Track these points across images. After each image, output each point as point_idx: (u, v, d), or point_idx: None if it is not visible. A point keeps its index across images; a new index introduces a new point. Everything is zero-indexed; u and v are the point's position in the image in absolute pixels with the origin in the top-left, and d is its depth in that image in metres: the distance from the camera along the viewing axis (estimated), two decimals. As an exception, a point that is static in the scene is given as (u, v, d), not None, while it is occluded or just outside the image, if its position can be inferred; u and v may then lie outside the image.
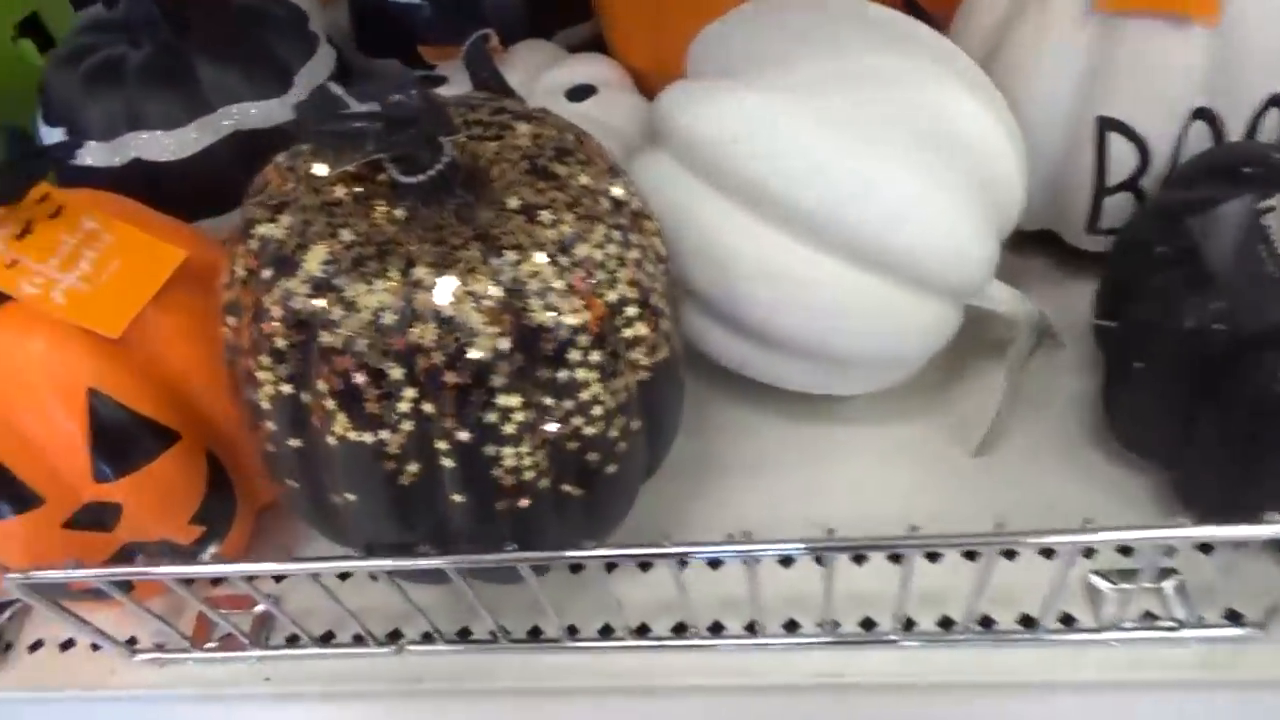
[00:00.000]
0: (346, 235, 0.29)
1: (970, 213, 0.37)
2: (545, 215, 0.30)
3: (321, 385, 0.29)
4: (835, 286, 0.37)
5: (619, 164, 0.34)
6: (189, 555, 0.39)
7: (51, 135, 0.49)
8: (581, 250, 0.30)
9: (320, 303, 0.28)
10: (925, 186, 0.35)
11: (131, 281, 0.35)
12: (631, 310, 0.31)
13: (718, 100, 0.37)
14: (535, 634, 0.40)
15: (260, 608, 0.41)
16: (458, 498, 0.31)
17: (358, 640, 0.40)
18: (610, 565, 0.41)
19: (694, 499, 0.43)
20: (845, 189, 0.35)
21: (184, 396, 0.36)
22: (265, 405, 0.30)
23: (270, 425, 0.31)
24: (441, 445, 0.29)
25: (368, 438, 0.29)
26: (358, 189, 0.31)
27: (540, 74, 0.51)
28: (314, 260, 0.29)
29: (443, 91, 0.50)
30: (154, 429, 0.35)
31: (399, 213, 0.30)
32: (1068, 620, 0.36)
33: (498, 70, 0.47)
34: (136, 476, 0.35)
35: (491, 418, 0.29)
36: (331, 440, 0.30)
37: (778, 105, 0.36)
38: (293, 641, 0.41)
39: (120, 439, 0.34)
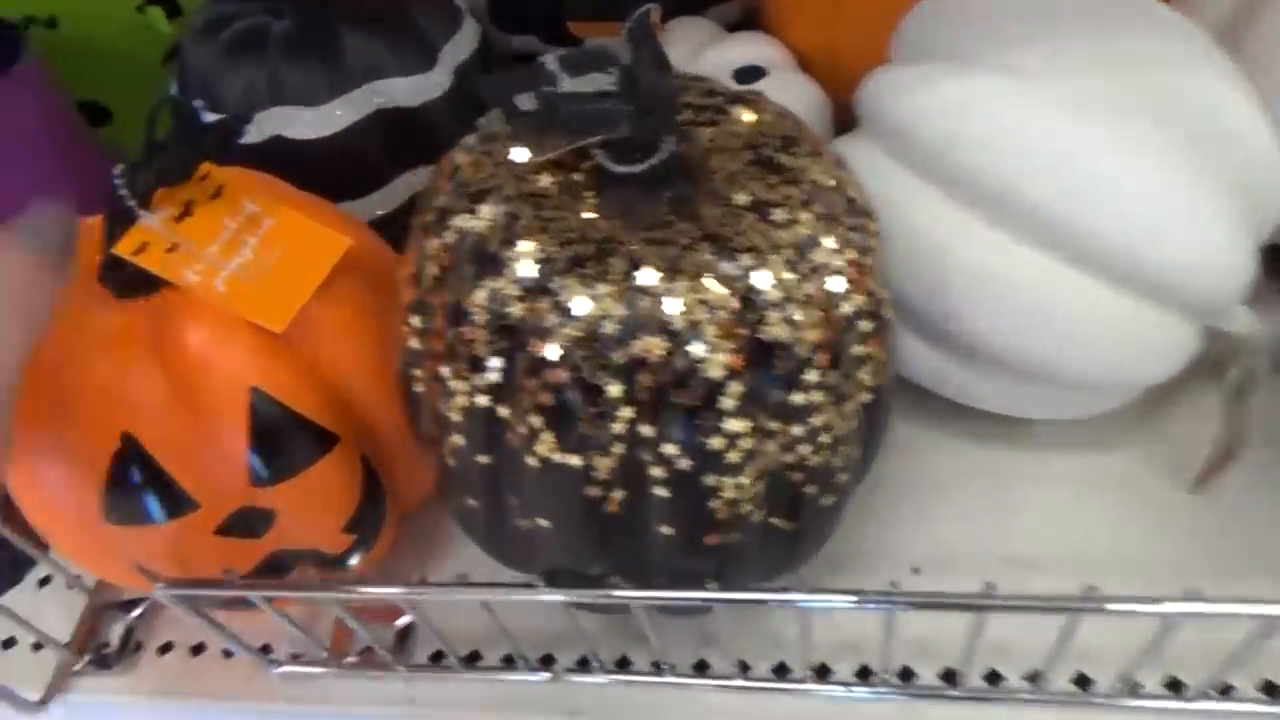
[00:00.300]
0: (559, 231, 0.26)
1: (1233, 223, 0.32)
2: (779, 214, 0.26)
3: (526, 400, 0.25)
4: (1071, 299, 0.32)
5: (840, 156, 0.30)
6: (334, 564, 0.36)
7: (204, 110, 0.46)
8: (818, 255, 0.26)
9: (532, 307, 0.25)
10: (1188, 190, 0.31)
11: (295, 271, 0.32)
12: (865, 325, 0.27)
13: (943, 82, 0.32)
14: (701, 668, 0.36)
15: (404, 620, 0.39)
16: (664, 529, 0.27)
17: (507, 662, 0.37)
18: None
19: (867, 523, 0.39)
20: (1093, 189, 0.31)
21: (342, 397, 0.33)
22: (455, 417, 0.27)
23: (458, 439, 0.28)
24: (656, 472, 0.26)
25: (574, 460, 0.26)
26: (561, 177, 0.28)
27: (701, 53, 0.47)
28: (524, 259, 0.25)
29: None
30: (314, 431, 0.32)
31: (611, 205, 0.27)
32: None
33: (663, 50, 0.44)
34: (294, 481, 0.32)
35: (716, 444, 0.26)
36: (531, 460, 0.26)
37: (1012, 89, 0.32)
38: (437, 660, 0.38)
39: (280, 441, 0.31)
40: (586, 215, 0.27)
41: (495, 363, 0.26)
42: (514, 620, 0.34)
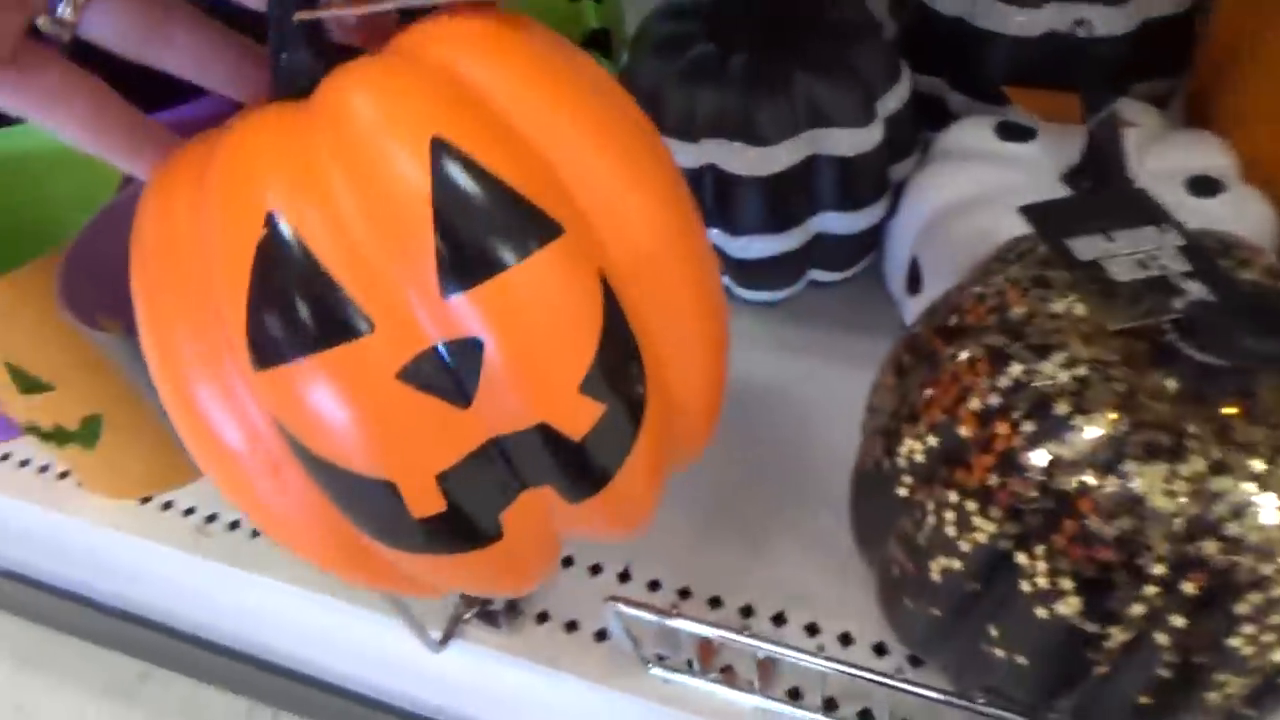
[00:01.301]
0: (1132, 409, 0.26)
1: None
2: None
3: (1061, 561, 0.27)
4: None
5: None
6: (574, 471, 0.25)
7: (628, 119, 0.49)
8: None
9: (1097, 484, 0.26)
10: None
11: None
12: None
13: None
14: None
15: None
16: (1143, 699, 0.28)
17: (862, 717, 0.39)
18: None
19: None
20: None
21: (582, 216, 0.24)
22: (963, 546, 0.29)
23: (953, 563, 0.29)
24: (1166, 657, 0.27)
25: (1089, 627, 0.27)
26: (1129, 344, 0.28)
27: (1146, 149, 0.45)
28: (1095, 433, 0.26)
29: (1030, 152, 0.46)
30: (524, 208, 0.22)
31: (1188, 389, 0.27)
32: None
33: (1124, 158, 0.43)
34: (500, 284, 0.22)
35: (1238, 644, 0.26)
36: (1041, 612, 0.28)
37: None
38: (795, 697, 0.41)
39: (475, 216, 0.22)
40: (1160, 394, 0.27)
41: (1034, 520, 0.27)
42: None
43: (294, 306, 0.22)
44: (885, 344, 0.50)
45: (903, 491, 0.31)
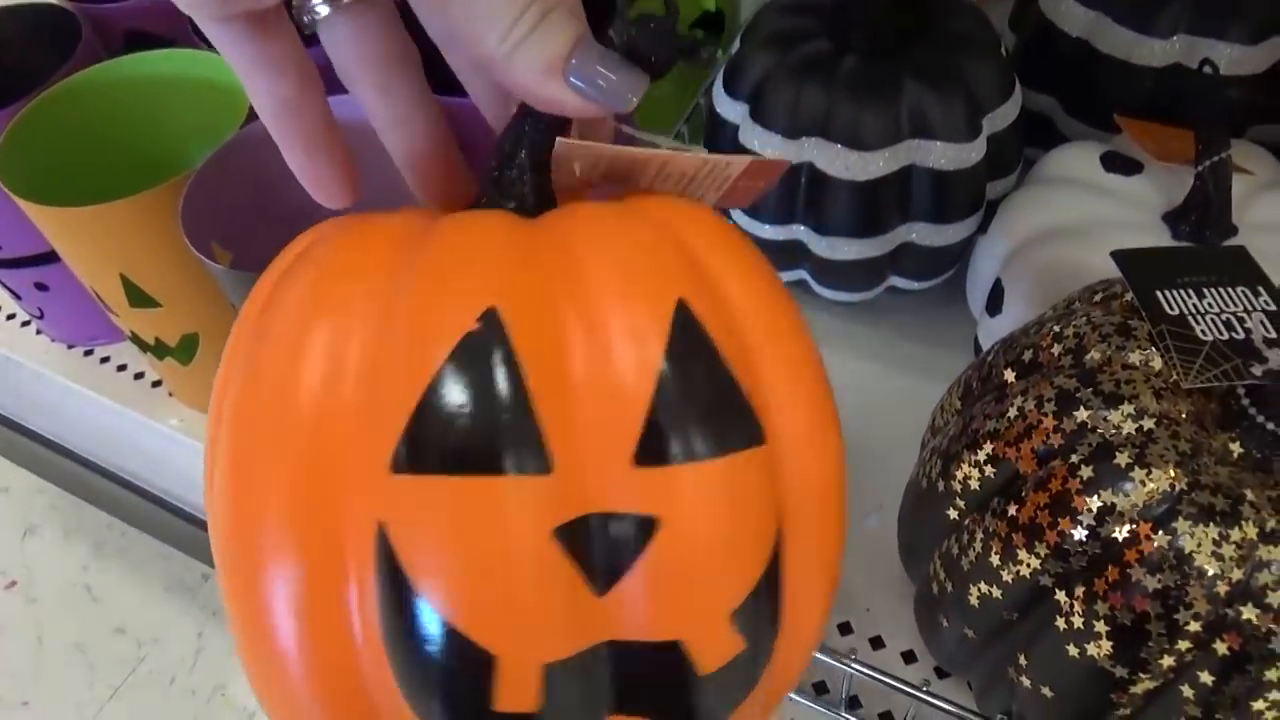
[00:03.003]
0: (1194, 469, 0.27)
1: None
2: None
3: (1100, 605, 0.27)
4: None
5: None
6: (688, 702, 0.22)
7: (731, 106, 0.50)
8: None
9: (1146, 536, 0.26)
10: None
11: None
12: None
13: None
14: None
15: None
16: (1161, 743, 0.29)
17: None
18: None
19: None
20: None
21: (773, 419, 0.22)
22: (1004, 576, 0.29)
23: (993, 590, 0.30)
24: (1189, 710, 0.27)
25: (1117, 670, 0.28)
26: (1199, 404, 0.28)
27: (1254, 197, 0.44)
28: (1153, 487, 0.27)
29: (1134, 187, 0.45)
30: (743, 406, 0.21)
31: (1251, 455, 0.27)
32: None
33: (1229, 200, 0.42)
34: (697, 471, 0.20)
35: (1260, 706, 0.26)
36: (1071, 650, 0.28)
37: None
38: (820, 691, 0.42)
39: (696, 395, 0.20)
40: (1224, 456, 0.27)
41: (1078, 562, 0.28)
42: None
43: (477, 415, 0.19)
44: (957, 359, 0.51)
45: (953, 514, 0.32)
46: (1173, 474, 0.27)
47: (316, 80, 0.25)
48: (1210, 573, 0.26)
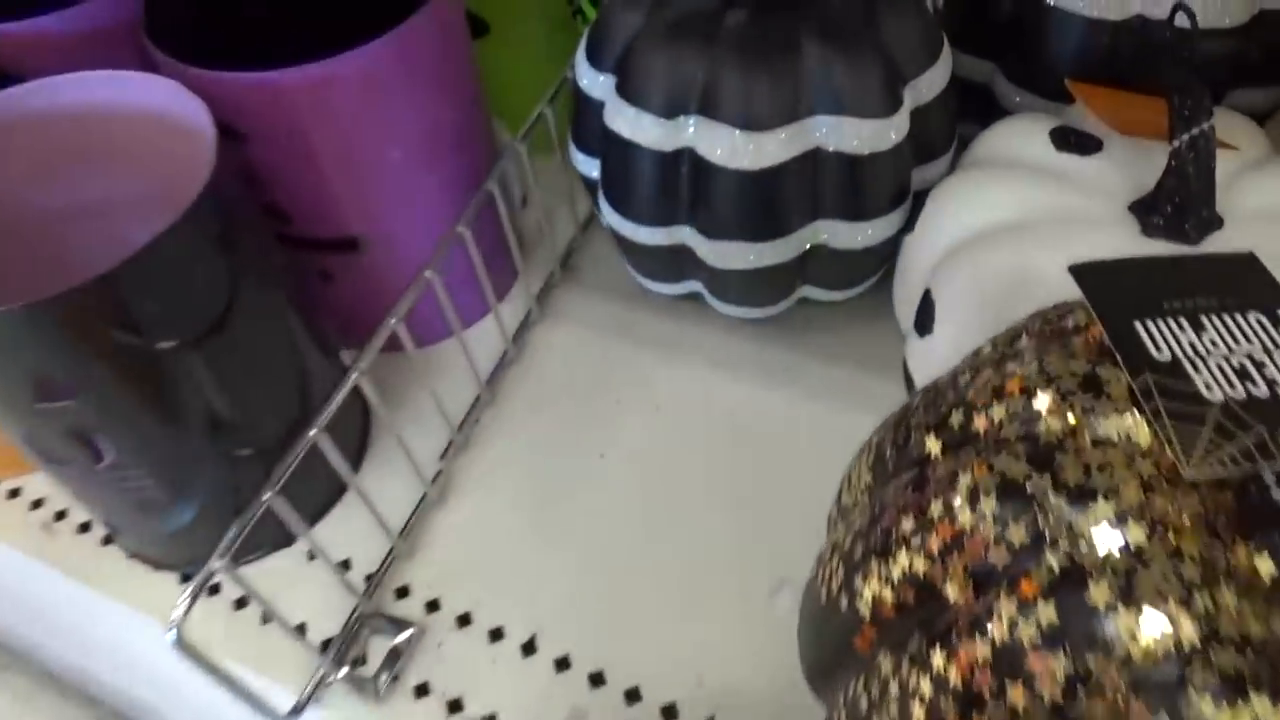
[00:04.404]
0: (1205, 606, 0.17)
1: None
2: None
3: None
4: None
5: None
6: None
7: (595, 80, 0.40)
8: None
9: (1144, 703, 0.17)
10: None
11: None
12: None
13: None
14: None
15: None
16: None
17: None
18: None
19: None
20: None
21: None
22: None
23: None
24: None
25: None
26: (1204, 500, 0.19)
27: (1240, 179, 0.35)
28: (1145, 640, 0.17)
29: (1092, 169, 0.36)
30: None
31: (1273, 572, 0.18)
32: None
33: (1213, 184, 0.33)
34: None
35: None
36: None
37: None
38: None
39: None
40: (1251, 585, 0.18)
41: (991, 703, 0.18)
42: None
43: None
44: (888, 385, 0.41)
45: (860, 644, 0.23)
46: (1178, 619, 0.17)
47: None
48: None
